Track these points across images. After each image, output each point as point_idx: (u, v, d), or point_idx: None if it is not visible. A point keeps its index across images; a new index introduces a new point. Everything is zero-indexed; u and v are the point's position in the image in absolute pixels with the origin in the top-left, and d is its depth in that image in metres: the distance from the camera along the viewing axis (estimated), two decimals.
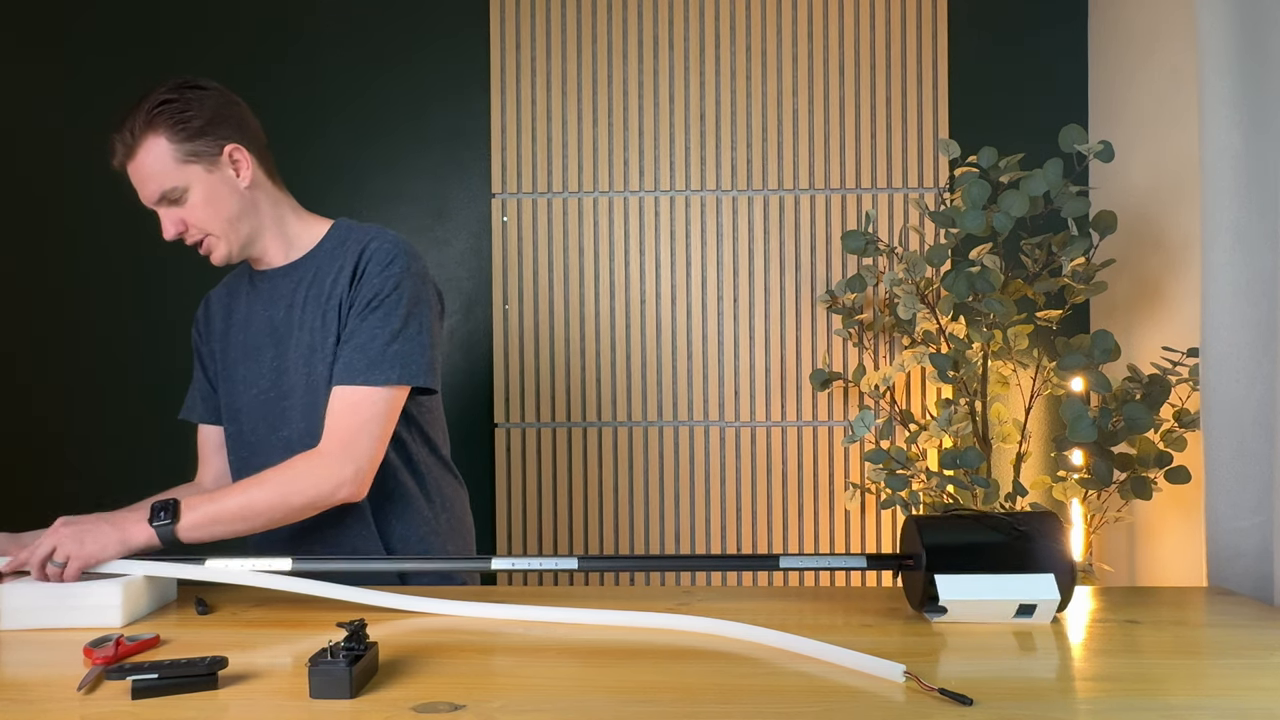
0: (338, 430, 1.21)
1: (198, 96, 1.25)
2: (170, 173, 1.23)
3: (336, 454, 1.19)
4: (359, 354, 1.23)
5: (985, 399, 1.97)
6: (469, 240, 2.33)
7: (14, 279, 2.34)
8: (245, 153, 1.28)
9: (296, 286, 1.32)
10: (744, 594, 1.21)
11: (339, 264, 1.29)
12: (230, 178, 1.27)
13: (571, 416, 2.30)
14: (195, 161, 1.24)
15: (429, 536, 1.35)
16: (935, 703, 0.77)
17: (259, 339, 1.34)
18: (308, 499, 1.18)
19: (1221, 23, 1.23)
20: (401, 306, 1.25)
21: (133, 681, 0.81)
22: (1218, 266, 1.25)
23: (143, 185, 1.25)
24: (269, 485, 1.18)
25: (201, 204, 1.25)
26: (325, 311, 1.28)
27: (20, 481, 2.31)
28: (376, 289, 1.25)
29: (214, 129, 1.25)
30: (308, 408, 1.29)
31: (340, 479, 1.19)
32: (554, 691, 0.82)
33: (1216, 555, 1.28)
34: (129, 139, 1.23)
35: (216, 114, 1.26)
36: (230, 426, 1.37)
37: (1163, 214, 1.98)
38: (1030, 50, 2.28)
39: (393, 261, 1.26)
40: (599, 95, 2.30)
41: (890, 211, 2.27)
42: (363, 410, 1.21)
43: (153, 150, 1.23)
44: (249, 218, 1.30)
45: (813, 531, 2.28)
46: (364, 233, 1.32)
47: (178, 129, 1.23)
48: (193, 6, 2.31)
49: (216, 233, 1.28)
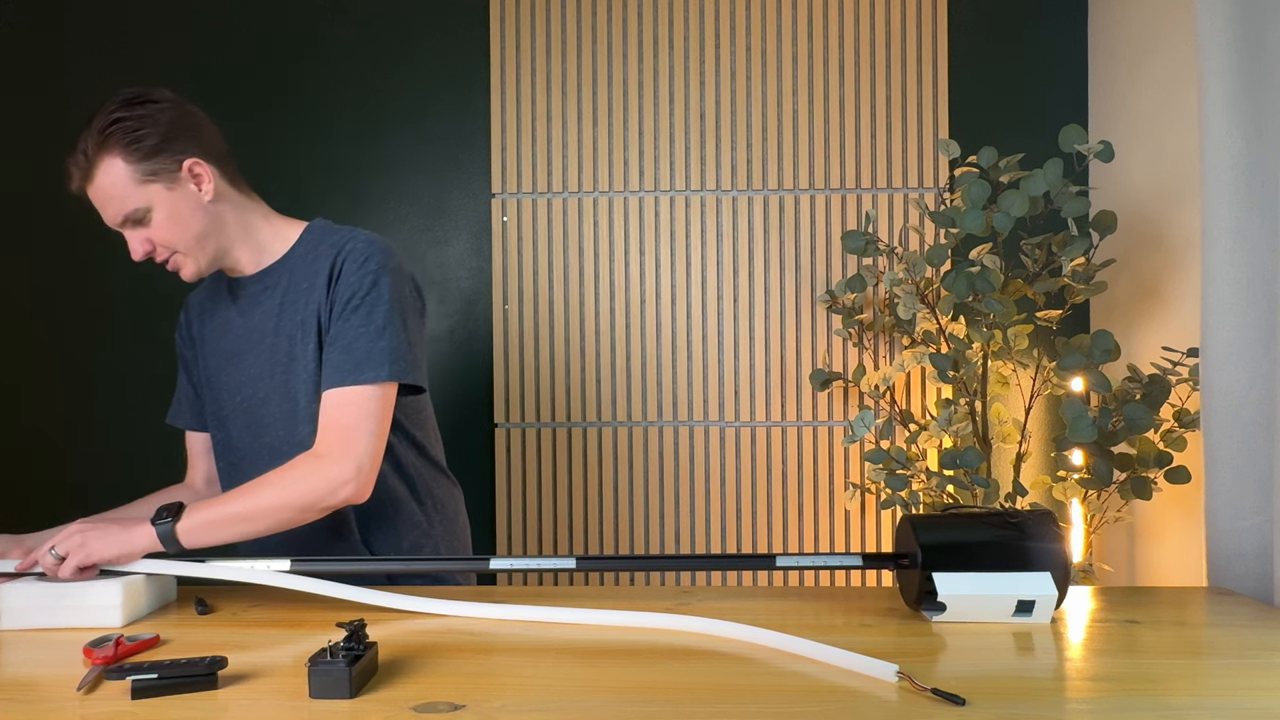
0: (333, 430, 1.18)
1: (150, 112, 1.20)
2: (130, 194, 1.19)
3: (334, 453, 1.17)
4: (345, 355, 1.20)
5: (985, 399, 1.97)
6: (469, 240, 2.33)
7: (13, 279, 2.34)
8: (205, 165, 1.23)
9: (270, 292, 1.30)
10: (744, 594, 1.21)
11: (314, 269, 1.26)
12: (192, 193, 1.23)
13: (571, 416, 2.30)
14: (155, 180, 1.20)
15: (421, 541, 1.34)
16: (932, 703, 0.77)
17: (237, 345, 1.32)
18: (309, 500, 1.16)
19: (1221, 23, 1.23)
20: (382, 304, 1.22)
21: (133, 681, 0.81)
22: (1218, 266, 1.25)
23: (104, 208, 1.21)
24: (270, 488, 1.16)
25: (166, 223, 1.22)
26: (304, 318, 1.26)
27: (19, 481, 2.31)
28: (354, 288, 1.22)
29: (170, 144, 1.20)
30: (286, 414, 1.27)
31: (341, 478, 1.16)
32: (554, 691, 0.82)
33: (1216, 555, 1.28)
34: (83, 161, 1.18)
35: (172, 128, 1.21)
36: (217, 433, 1.36)
37: (1163, 214, 1.98)
38: (1030, 50, 2.28)
39: (368, 259, 1.23)
40: (599, 95, 2.30)
41: (890, 211, 2.27)
42: (355, 409, 1.19)
43: (109, 172, 1.18)
44: (215, 232, 1.26)
45: (812, 531, 2.28)
46: (338, 235, 1.29)
47: (132, 148, 1.18)
48: (193, 6, 2.31)
49: (184, 250, 1.24)
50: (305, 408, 1.26)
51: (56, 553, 1.09)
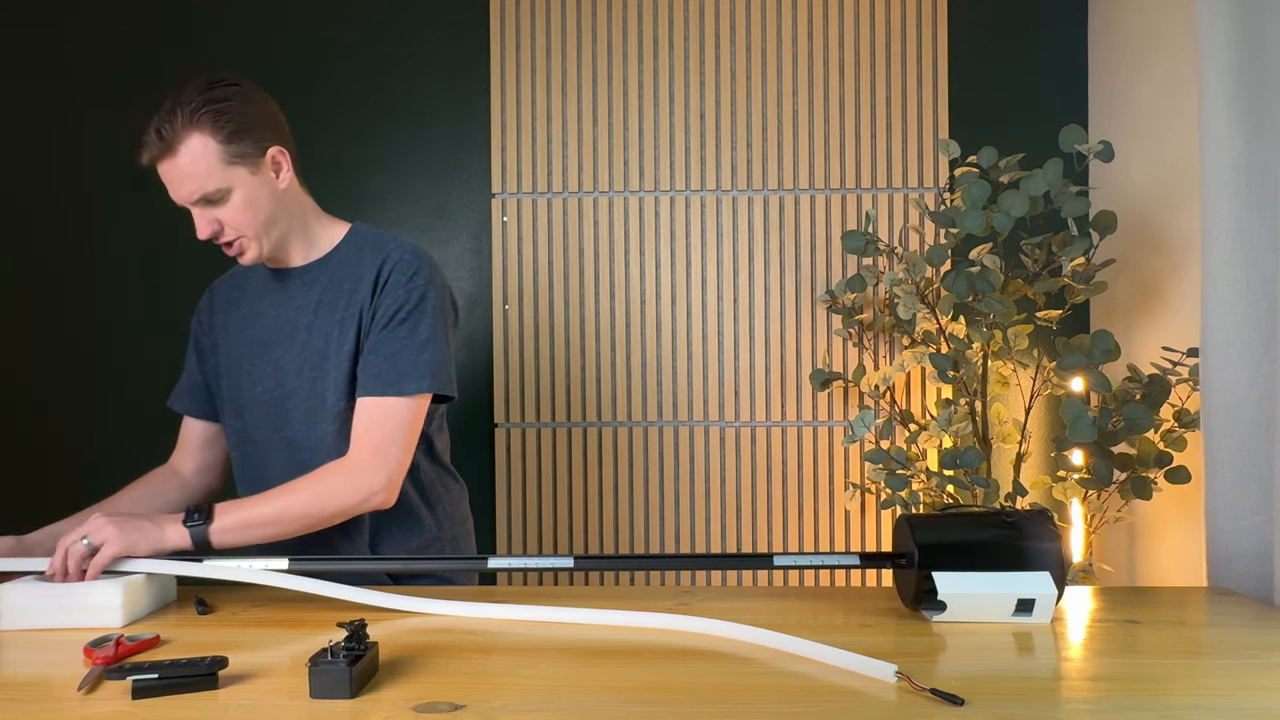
0: (370, 439, 1.22)
1: (240, 95, 1.21)
2: (213, 174, 1.19)
3: (369, 463, 1.21)
4: (389, 365, 1.23)
5: (985, 399, 1.97)
6: (469, 240, 2.33)
7: (13, 278, 2.34)
8: (285, 155, 1.26)
9: (310, 289, 1.31)
10: (744, 594, 1.21)
11: (357, 272, 1.29)
12: (270, 180, 1.25)
13: (571, 416, 2.30)
14: (239, 163, 1.21)
15: (428, 545, 1.35)
16: (931, 703, 0.77)
17: (267, 336, 1.33)
18: (341, 506, 1.20)
19: (1222, 22, 1.23)
20: (428, 317, 1.26)
21: (133, 681, 0.81)
22: (1218, 266, 1.25)
23: (179, 184, 1.20)
24: (303, 492, 1.19)
25: (242, 206, 1.22)
26: (343, 318, 1.28)
27: (20, 479, 2.31)
28: (402, 300, 1.25)
29: (258, 130, 1.23)
30: (311, 410, 1.29)
31: (373, 487, 1.20)
32: (554, 691, 0.82)
33: (1216, 555, 1.28)
34: (167, 136, 1.17)
35: (260, 115, 1.24)
36: (234, 422, 1.36)
37: (1163, 214, 1.98)
38: (1030, 50, 2.28)
39: (417, 273, 1.27)
40: (599, 95, 2.30)
41: (890, 211, 2.27)
42: (393, 419, 1.22)
43: (196, 150, 1.18)
44: (283, 221, 1.28)
45: (812, 531, 2.28)
46: (383, 241, 1.31)
47: (224, 128, 1.19)
48: (193, 6, 2.31)
49: (251, 235, 1.25)
50: (332, 406, 1.27)
51: (90, 542, 1.09)
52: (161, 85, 1.23)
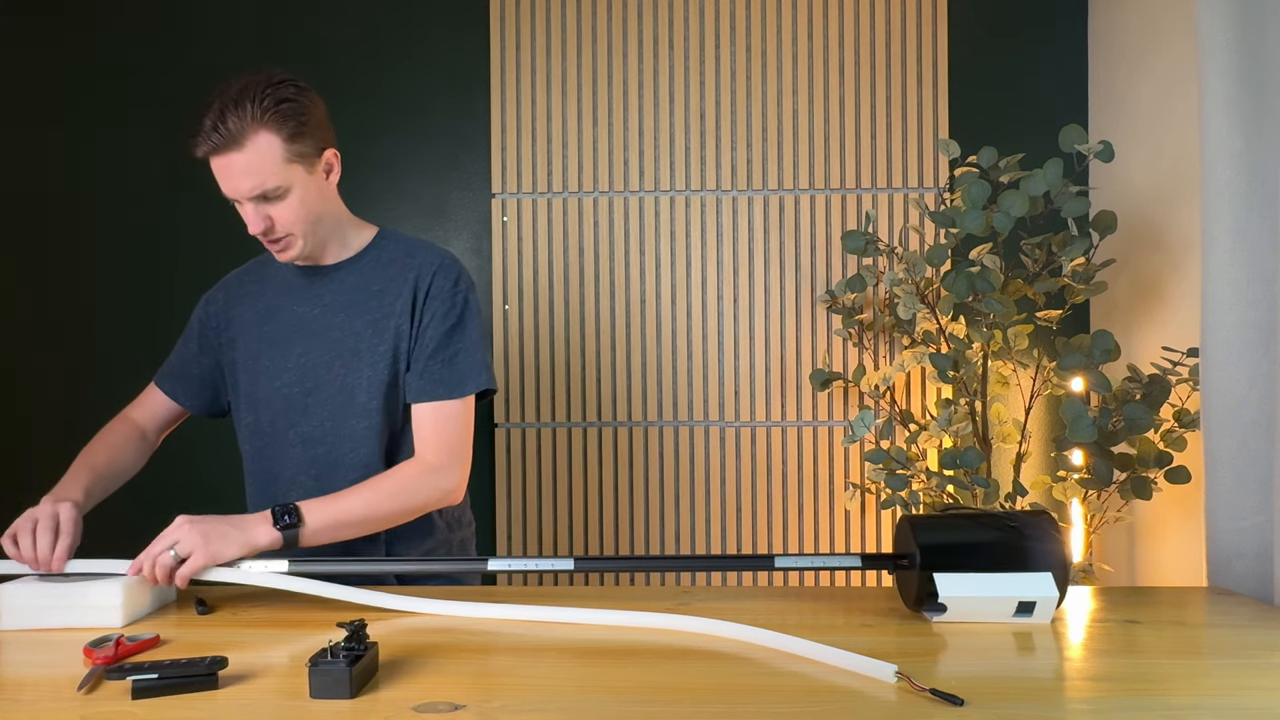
0: (444, 441, 1.27)
1: (305, 95, 1.23)
2: (275, 172, 1.20)
3: (447, 463, 1.26)
4: (448, 369, 1.28)
5: (985, 399, 1.97)
6: (469, 240, 2.33)
7: (13, 277, 2.34)
8: (338, 158, 1.29)
9: (339, 288, 1.32)
10: (744, 594, 1.21)
11: (391, 276, 1.31)
12: (322, 180, 1.27)
13: (571, 416, 2.30)
14: (299, 162, 1.22)
15: (438, 549, 1.36)
16: (931, 703, 0.77)
17: (287, 332, 1.33)
18: (422, 505, 1.25)
19: (1221, 23, 1.23)
20: (474, 320, 1.32)
21: (133, 681, 0.81)
22: (1218, 266, 1.25)
23: (239, 179, 1.19)
24: (389, 491, 1.22)
25: (297, 204, 1.23)
26: (376, 320, 1.29)
27: (18, 478, 2.31)
28: (449, 306, 1.30)
29: (318, 131, 1.24)
30: (339, 406, 1.29)
31: (452, 486, 1.26)
32: (554, 691, 0.82)
33: (1216, 555, 1.28)
34: (232, 130, 1.16)
35: (321, 116, 1.26)
36: (247, 417, 1.36)
37: (1163, 214, 1.98)
38: (1030, 50, 2.28)
39: (459, 279, 1.32)
40: (599, 95, 2.30)
41: (890, 211, 2.27)
42: (458, 420, 1.28)
43: (261, 147, 1.18)
44: (328, 220, 1.30)
45: (812, 531, 2.28)
46: (417, 248, 1.34)
47: (291, 128, 1.20)
48: (193, 6, 2.31)
49: (299, 233, 1.26)
50: (364, 403, 1.28)
51: (178, 553, 1.08)
52: (161, 85, 1.23)
